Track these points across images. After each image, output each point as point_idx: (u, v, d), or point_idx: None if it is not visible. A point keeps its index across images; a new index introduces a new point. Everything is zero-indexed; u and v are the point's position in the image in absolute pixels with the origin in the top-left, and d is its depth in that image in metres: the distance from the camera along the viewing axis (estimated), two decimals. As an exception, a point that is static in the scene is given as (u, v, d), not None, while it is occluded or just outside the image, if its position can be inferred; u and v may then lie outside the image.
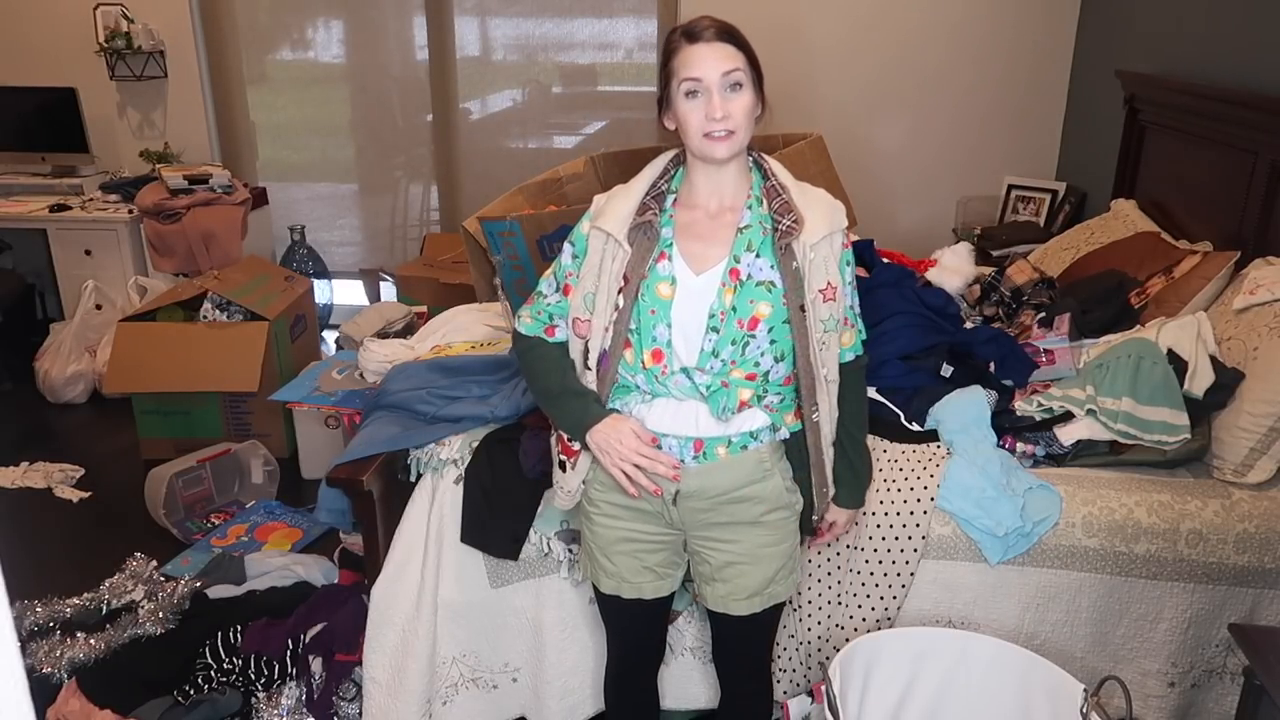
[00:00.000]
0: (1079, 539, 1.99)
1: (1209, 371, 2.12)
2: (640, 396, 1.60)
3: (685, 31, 1.52)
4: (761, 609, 1.68)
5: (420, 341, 2.71)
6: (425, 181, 4.90)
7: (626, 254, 1.55)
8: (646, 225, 1.55)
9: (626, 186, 1.62)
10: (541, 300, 1.69)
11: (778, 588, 1.69)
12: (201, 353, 3.49)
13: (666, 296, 1.54)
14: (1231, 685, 2.04)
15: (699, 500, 1.61)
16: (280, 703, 2.24)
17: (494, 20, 4.60)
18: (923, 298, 2.44)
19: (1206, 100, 2.89)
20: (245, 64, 4.72)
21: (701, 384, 1.55)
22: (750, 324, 1.52)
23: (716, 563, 1.67)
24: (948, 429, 2.13)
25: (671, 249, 1.56)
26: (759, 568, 1.66)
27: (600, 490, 1.67)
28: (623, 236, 1.55)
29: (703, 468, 1.59)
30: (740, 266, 1.53)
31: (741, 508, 1.63)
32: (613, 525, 1.68)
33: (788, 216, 1.54)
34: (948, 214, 4.41)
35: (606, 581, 1.72)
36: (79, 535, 3.14)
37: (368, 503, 2.13)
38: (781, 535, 1.67)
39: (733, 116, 1.49)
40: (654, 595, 1.72)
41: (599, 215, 1.60)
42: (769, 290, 1.53)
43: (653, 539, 1.68)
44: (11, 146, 4.58)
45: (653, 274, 1.55)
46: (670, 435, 1.58)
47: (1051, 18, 4.13)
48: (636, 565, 1.70)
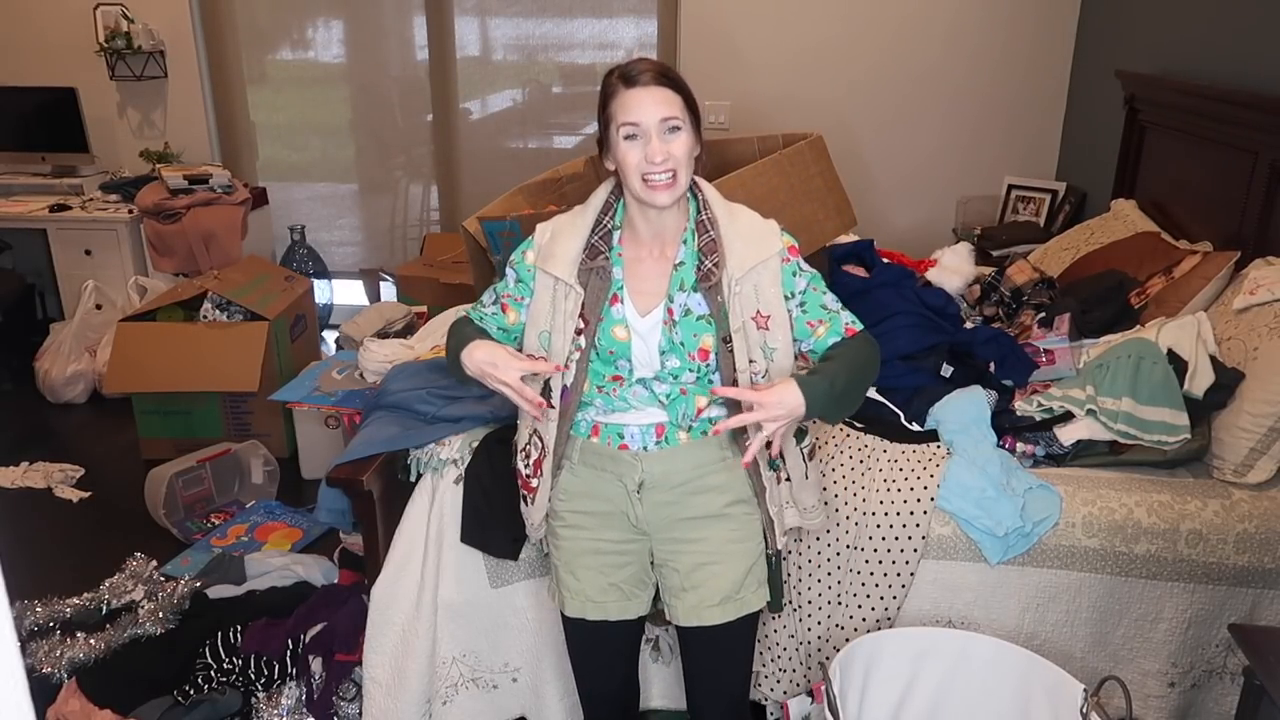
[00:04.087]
0: (1079, 539, 1.99)
1: (1209, 371, 2.12)
2: (598, 411, 1.63)
3: (623, 75, 1.53)
4: (735, 617, 1.65)
5: (420, 341, 2.71)
6: (425, 181, 4.90)
7: (580, 295, 1.57)
8: (600, 270, 1.57)
9: (570, 222, 1.62)
10: (481, 308, 1.72)
11: (749, 595, 1.66)
12: (201, 353, 3.49)
13: (623, 339, 1.57)
14: (1231, 685, 2.04)
15: (662, 491, 1.62)
16: (280, 703, 2.24)
17: (494, 20, 4.59)
18: (923, 298, 2.44)
19: (1206, 100, 2.89)
20: (245, 64, 4.72)
21: (660, 393, 1.59)
22: (701, 355, 1.56)
23: (685, 567, 1.65)
24: (948, 429, 2.13)
25: (622, 290, 1.58)
26: (727, 567, 1.64)
27: (564, 500, 1.68)
28: (573, 280, 1.56)
29: (664, 452, 1.61)
30: (675, 306, 1.56)
31: (705, 499, 1.63)
32: (577, 536, 1.68)
33: (711, 257, 1.55)
34: (948, 214, 4.41)
35: (571, 602, 1.69)
36: (79, 535, 3.14)
37: (368, 503, 2.13)
38: (747, 532, 1.66)
39: (673, 157, 1.50)
40: (619, 616, 1.70)
41: (546, 258, 1.60)
42: (709, 323, 1.56)
43: (618, 548, 1.68)
44: (11, 146, 4.58)
45: (608, 316, 1.57)
46: (632, 425, 1.61)
47: (1051, 18, 4.13)
48: (602, 581, 1.68)
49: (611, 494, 1.64)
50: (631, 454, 1.61)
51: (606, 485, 1.64)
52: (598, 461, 1.64)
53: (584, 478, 1.66)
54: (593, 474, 1.65)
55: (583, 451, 1.65)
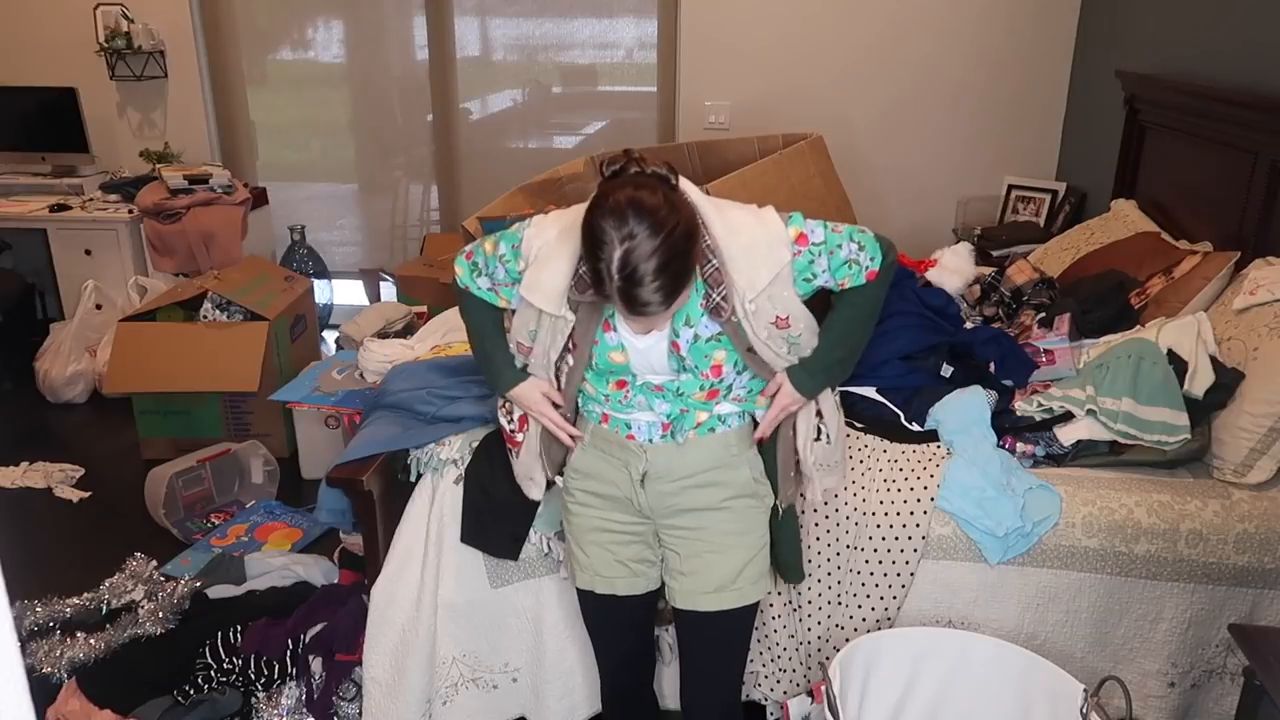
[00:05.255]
0: (1079, 539, 1.99)
1: (1209, 371, 2.12)
2: (605, 406, 1.64)
3: (627, 298, 1.38)
4: (731, 606, 1.65)
5: (420, 341, 2.71)
6: (425, 181, 4.90)
7: (570, 321, 1.55)
8: (590, 302, 1.53)
9: (557, 247, 1.53)
10: (475, 272, 1.68)
11: (746, 586, 1.66)
12: (201, 353, 3.49)
13: (621, 362, 1.57)
14: (1231, 685, 2.04)
15: (665, 483, 1.64)
16: (280, 703, 2.24)
17: (494, 20, 4.59)
18: (923, 298, 2.44)
19: (1206, 100, 2.89)
20: (245, 64, 4.72)
21: (662, 413, 1.60)
22: (714, 371, 1.57)
23: (685, 553, 1.68)
24: (948, 429, 2.13)
25: (615, 318, 1.55)
26: (725, 558, 1.65)
27: (575, 478, 1.72)
28: (561, 311, 1.54)
29: (670, 446, 1.63)
30: (681, 340, 1.54)
31: (707, 493, 1.64)
32: (585, 513, 1.72)
33: (718, 289, 1.49)
34: (948, 214, 4.41)
35: (581, 575, 1.74)
36: (79, 535, 3.14)
37: (368, 503, 2.13)
38: (748, 525, 1.67)
39: (657, 325, 1.50)
40: (627, 592, 1.72)
41: (531, 285, 1.55)
42: (719, 341, 1.55)
43: (624, 529, 1.71)
44: (11, 146, 4.58)
45: (602, 341, 1.56)
46: (640, 419, 1.63)
47: (1051, 18, 4.13)
48: (609, 558, 1.72)
49: (617, 480, 1.67)
50: (638, 444, 1.64)
51: (613, 471, 1.67)
52: (606, 447, 1.67)
53: (593, 459, 1.69)
54: (601, 457, 1.68)
55: (593, 435, 1.68)
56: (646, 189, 1.38)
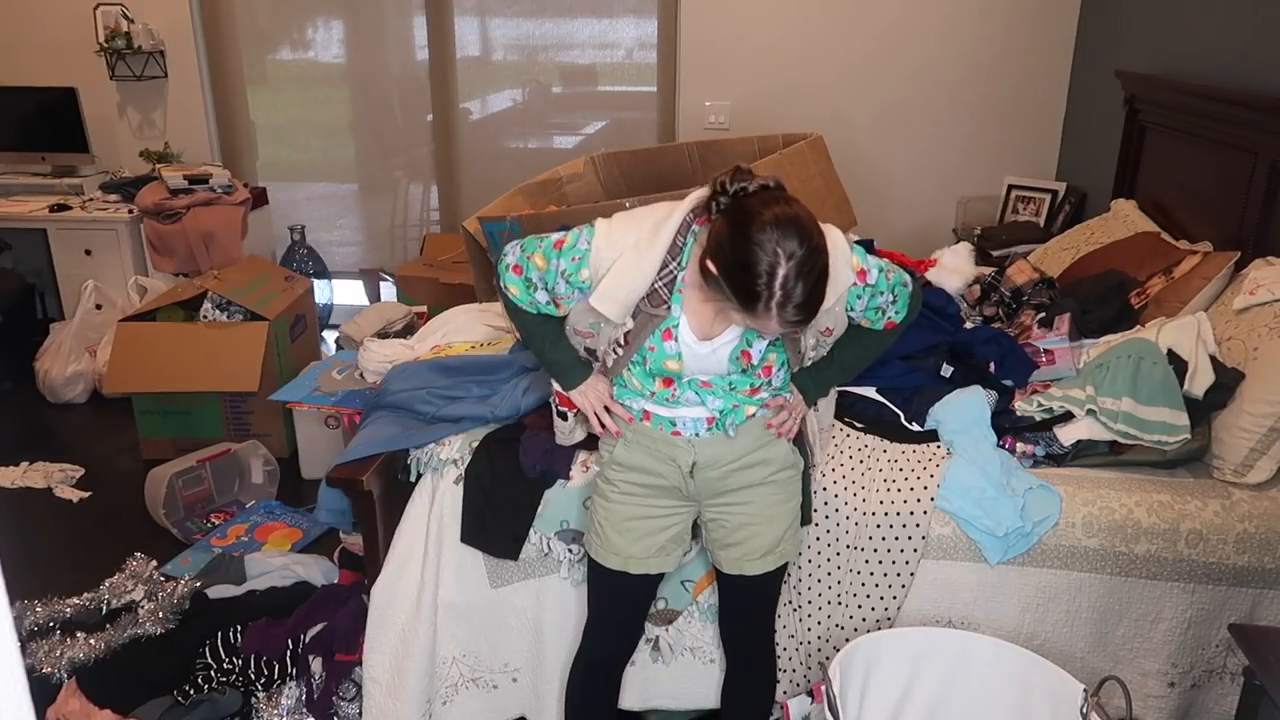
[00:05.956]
0: (1079, 539, 1.99)
1: (1209, 371, 2.12)
2: (649, 401, 1.69)
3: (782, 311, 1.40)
4: (774, 568, 1.78)
5: (420, 341, 2.71)
6: (425, 181, 4.90)
7: (628, 327, 1.60)
8: (656, 314, 1.57)
9: (637, 261, 1.54)
10: (531, 288, 1.68)
11: (786, 546, 1.79)
12: (201, 353, 3.49)
13: (675, 369, 1.61)
14: (1231, 685, 2.04)
15: (713, 469, 1.71)
16: (280, 703, 2.24)
17: (494, 20, 4.59)
18: (923, 298, 2.44)
19: (1206, 100, 2.89)
20: (245, 64, 4.72)
21: (713, 408, 1.66)
22: (765, 371, 1.67)
23: (732, 525, 1.76)
24: (948, 429, 2.13)
25: (678, 327, 1.59)
26: (771, 526, 1.76)
27: (618, 470, 1.75)
28: (625, 319, 1.59)
29: (716, 438, 1.70)
30: (752, 350, 1.61)
31: (753, 471, 1.73)
32: (628, 502, 1.75)
33: None
34: (948, 214, 4.41)
35: (612, 559, 1.76)
36: (79, 535, 3.14)
37: (368, 503, 2.13)
38: (789, 493, 1.79)
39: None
40: (658, 570, 1.80)
41: (603, 296, 1.55)
42: (773, 346, 1.65)
43: (667, 513, 1.76)
44: (11, 146, 4.58)
45: (659, 348, 1.60)
46: (684, 416, 1.68)
47: (1051, 18, 4.13)
48: (647, 541, 1.77)
49: (665, 471, 1.72)
50: (685, 440, 1.69)
51: (660, 464, 1.72)
52: (650, 445, 1.71)
53: (638, 454, 1.73)
54: (646, 452, 1.72)
55: (635, 432, 1.72)
56: (794, 204, 1.43)
